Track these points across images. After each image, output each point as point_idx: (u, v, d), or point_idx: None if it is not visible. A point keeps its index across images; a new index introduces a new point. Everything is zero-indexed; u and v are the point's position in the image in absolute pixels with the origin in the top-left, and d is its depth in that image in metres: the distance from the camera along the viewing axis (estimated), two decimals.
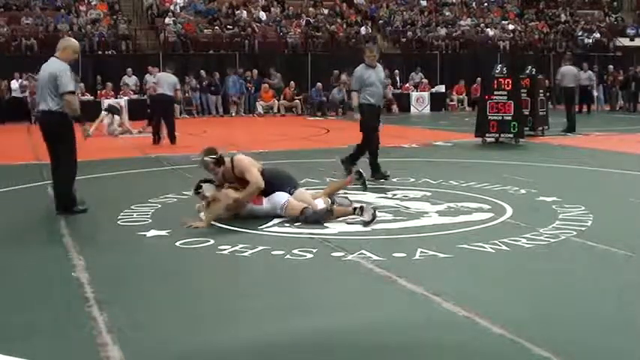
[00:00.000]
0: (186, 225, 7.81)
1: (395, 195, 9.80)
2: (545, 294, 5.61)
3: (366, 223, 7.86)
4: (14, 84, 27.02)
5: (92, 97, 27.17)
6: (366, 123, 11.43)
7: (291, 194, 8.32)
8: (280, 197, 8.25)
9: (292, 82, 30.05)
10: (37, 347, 4.50)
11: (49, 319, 5.07)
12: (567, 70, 20.53)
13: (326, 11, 35.78)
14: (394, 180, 11.12)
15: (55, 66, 8.64)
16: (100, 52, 30.01)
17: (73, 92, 8.55)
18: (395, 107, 11.43)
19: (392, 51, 34.46)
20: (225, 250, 6.89)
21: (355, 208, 8.14)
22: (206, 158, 8.38)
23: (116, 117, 21.26)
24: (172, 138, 17.66)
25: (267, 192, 8.28)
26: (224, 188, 8.25)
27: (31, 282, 6.06)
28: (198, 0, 34.10)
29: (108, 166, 13.41)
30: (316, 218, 7.97)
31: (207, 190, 8.26)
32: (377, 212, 8.11)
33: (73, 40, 9.24)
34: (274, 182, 8.36)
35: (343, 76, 31.43)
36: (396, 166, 12.90)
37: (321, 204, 8.34)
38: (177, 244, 7.15)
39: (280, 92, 30.00)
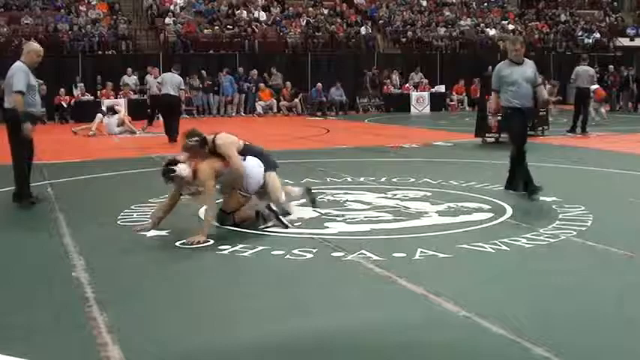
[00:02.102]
0: (189, 242, 7.18)
1: (395, 195, 9.79)
2: (545, 294, 5.61)
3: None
4: None
5: (92, 97, 27.18)
6: (509, 129, 10.05)
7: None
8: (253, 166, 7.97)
9: (288, 82, 30.04)
10: (37, 347, 4.50)
11: (49, 319, 5.07)
12: (583, 70, 19.82)
13: (326, 11, 35.76)
14: (394, 180, 11.12)
15: (13, 67, 9.27)
16: (100, 52, 30.00)
17: (21, 92, 9.06)
18: (553, 108, 10.06)
19: (392, 51, 34.47)
20: (225, 250, 6.89)
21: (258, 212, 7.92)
22: (189, 141, 7.75)
23: (115, 116, 21.30)
24: (175, 135, 17.67)
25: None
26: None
27: (31, 282, 6.06)
28: (197, 0, 34.09)
29: (108, 166, 13.41)
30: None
31: (184, 170, 7.41)
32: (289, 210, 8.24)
33: (36, 44, 9.78)
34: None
35: (394, 76, 31.59)
36: (396, 166, 12.93)
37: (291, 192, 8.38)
38: (177, 244, 7.15)
39: (278, 92, 29.99)
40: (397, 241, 7.21)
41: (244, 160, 7.89)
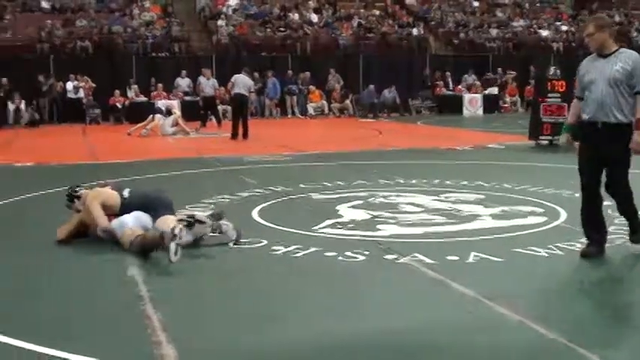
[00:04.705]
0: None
1: (448, 197, 9.73)
2: (600, 300, 5.54)
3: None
4: (69, 85, 27.50)
5: (146, 99, 27.53)
6: (578, 151, 6.71)
7: (153, 221, 7.26)
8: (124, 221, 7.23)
9: (337, 84, 30.07)
10: (93, 345, 4.55)
11: (106, 317, 5.15)
12: None
13: (377, 12, 35.76)
14: (447, 182, 11.06)
15: None
16: (153, 54, 30.36)
17: None
18: None
19: (444, 52, 34.32)
20: (278, 250, 6.92)
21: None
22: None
23: (170, 117, 21.63)
24: (246, 133, 19.45)
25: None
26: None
27: (88, 281, 6.17)
28: (250, 2, 34.32)
29: (161, 167, 13.56)
30: (141, 244, 6.85)
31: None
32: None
33: None
34: (141, 206, 7.42)
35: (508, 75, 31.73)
36: (449, 169, 12.87)
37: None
38: (231, 243, 7.20)
39: (329, 93, 30.03)
40: (450, 244, 7.17)
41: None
